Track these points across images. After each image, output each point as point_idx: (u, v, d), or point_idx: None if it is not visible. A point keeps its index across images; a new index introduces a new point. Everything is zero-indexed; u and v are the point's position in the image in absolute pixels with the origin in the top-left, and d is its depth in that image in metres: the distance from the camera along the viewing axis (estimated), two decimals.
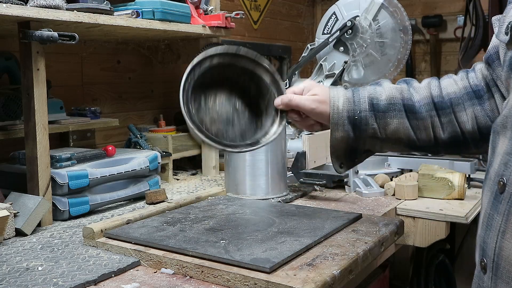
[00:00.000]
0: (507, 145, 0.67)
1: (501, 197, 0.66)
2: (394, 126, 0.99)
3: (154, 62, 2.07)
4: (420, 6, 2.95)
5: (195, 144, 1.94)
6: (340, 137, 1.02)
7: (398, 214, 1.44)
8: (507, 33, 0.73)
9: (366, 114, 1.00)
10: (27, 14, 1.16)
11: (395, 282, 1.82)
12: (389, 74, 1.93)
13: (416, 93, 1.00)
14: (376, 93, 1.01)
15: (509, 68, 0.72)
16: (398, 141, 1.01)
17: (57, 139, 1.65)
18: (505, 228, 0.64)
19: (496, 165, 0.69)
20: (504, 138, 0.69)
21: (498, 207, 0.66)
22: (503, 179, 0.66)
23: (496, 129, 0.72)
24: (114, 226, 1.14)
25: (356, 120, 1.00)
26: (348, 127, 1.01)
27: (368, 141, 1.02)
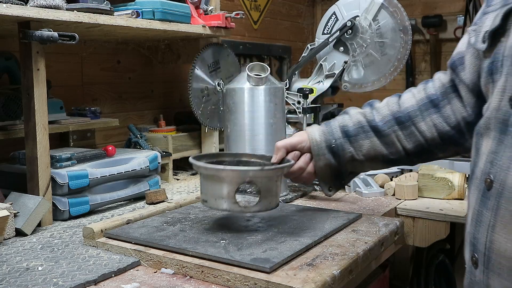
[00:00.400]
0: (491, 144, 0.71)
1: (489, 193, 0.70)
2: (367, 146, 1.12)
3: (154, 62, 2.07)
4: (420, 6, 2.95)
5: (195, 144, 1.94)
6: (324, 165, 1.15)
7: (398, 214, 1.44)
8: (484, 42, 0.77)
9: (341, 141, 1.14)
10: (27, 14, 1.16)
11: (395, 282, 1.82)
12: (389, 74, 1.93)
13: (378, 114, 1.13)
14: (345, 121, 1.15)
15: (488, 74, 0.76)
16: (374, 159, 1.13)
17: (57, 139, 1.65)
18: (495, 222, 0.68)
19: (482, 164, 0.73)
20: (488, 139, 0.73)
21: (486, 203, 0.70)
22: (490, 176, 0.70)
23: (479, 131, 0.76)
24: (114, 226, 1.14)
25: (333, 148, 1.14)
26: (329, 155, 1.14)
27: (349, 164, 1.15)
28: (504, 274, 0.67)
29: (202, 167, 1.09)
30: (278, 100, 1.48)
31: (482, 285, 0.72)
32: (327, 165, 1.15)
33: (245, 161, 1.25)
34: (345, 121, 1.16)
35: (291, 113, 1.97)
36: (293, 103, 1.97)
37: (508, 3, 0.73)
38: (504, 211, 0.67)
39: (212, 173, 1.07)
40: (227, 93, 1.48)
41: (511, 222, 0.66)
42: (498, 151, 0.69)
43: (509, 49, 0.70)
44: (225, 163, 1.21)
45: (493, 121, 0.72)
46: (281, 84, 1.53)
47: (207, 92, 1.81)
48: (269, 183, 1.09)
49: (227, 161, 1.23)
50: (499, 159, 0.69)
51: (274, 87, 1.46)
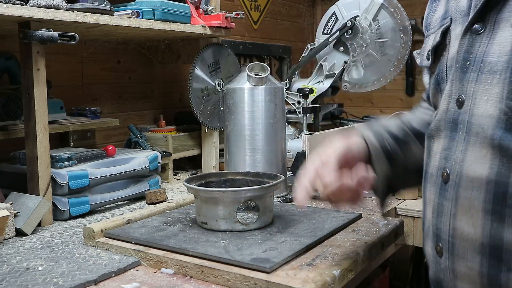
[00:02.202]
0: (443, 143, 0.78)
1: (446, 186, 0.76)
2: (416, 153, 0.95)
3: (154, 62, 2.07)
4: (420, 6, 2.95)
5: (195, 144, 1.94)
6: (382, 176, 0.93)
7: (398, 214, 1.44)
8: (428, 58, 0.87)
9: (394, 145, 0.94)
10: (27, 14, 1.16)
11: (395, 282, 1.82)
12: (389, 74, 1.93)
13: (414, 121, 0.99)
14: (387, 125, 0.98)
15: (435, 85, 0.84)
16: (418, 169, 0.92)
17: (57, 139, 1.65)
18: (456, 210, 0.74)
19: (436, 162, 0.80)
20: (439, 139, 0.80)
21: (445, 195, 0.77)
22: (446, 170, 0.77)
23: (431, 134, 0.83)
24: (114, 226, 1.14)
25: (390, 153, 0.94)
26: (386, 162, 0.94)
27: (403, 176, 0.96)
28: (468, 256, 0.73)
29: (202, 191, 1.11)
30: (278, 100, 1.48)
31: (447, 271, 0.78)
32: (385, 176, 0.94)
33: (231, 179, 1.28)
34: (387, 125, 0.98)
35: (291, 113, 1.98)
36: (293, 103, 1.97)
37: (444, 23, 0.84)
38: (463, 199, 0.73)
39: (214, 196, 1.10)
40: (227, 93, 1.48)
41: (470, 208, 0.72)
42: (451, 147, 0.76)
43: (451, 60, 0.79)
44: (213, 184, 1.26)
45: (443, 123, 0.79)
46: (281, 84, 1.53)
47: (207, 92, 1.82)
48: (266, 199, 1.14)
49: (214, 181, 1.27)
50: (453, 154, 0.76)
51: (274, 87, 1.46)
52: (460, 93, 0.75)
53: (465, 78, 0.75)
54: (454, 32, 0.80)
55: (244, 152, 1.45)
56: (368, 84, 1.97)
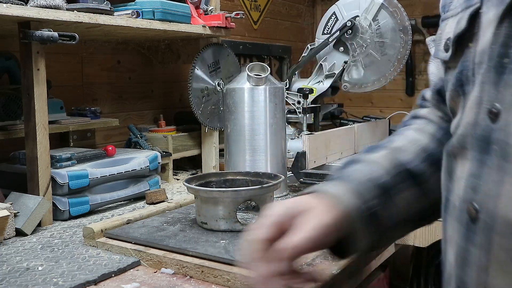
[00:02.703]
0: (470, 166, 0.58)
1: (475, 227, 0.56)
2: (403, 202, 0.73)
3: (154, 62, 2.07)
4: (420, 6, 2.95)
5: (195, 144, 1.94)
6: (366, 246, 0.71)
7: None
8: (446, 50, 0.65)
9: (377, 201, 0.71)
10: (27, 14, 1.16)
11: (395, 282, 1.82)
12: (389, 74, 1.93)
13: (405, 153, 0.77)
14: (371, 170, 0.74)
15: (456, 86, 0.63)
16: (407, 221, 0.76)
17: (57, 139, 1.65)
18: (488, 263, 0.55)
19: (460, 190, 0.59)
20: (464, 160, 0.60)
21: (473, 239, 0.56)
22: (474, 205, 0.56)
23: (452, 151, 0.63)
24: (114, 226, 1.14)
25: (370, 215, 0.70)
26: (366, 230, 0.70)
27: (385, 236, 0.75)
28: None
29: (202, 191, 1.11)
30: (278, 100, 1.48)
31: None
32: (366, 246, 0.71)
33: (231, 179, 1.29)
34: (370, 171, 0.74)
35: (291, 113, 1.98)
36: (293, 103, 1.97)
37: (471, 4, 0.61)
38: (498, 249, 0.54)
39: (214, 195, 1.11)
40: (227, 93, 1.48)
41: (508, 262, 0.53)
42: (481, 175, 0.56)
43: (480, 55, 0.58)
44: (213, 184, 1.26)
45: (469, 139, 0.59)
46: (281, 84, 1.53)
47: (207, 92, 1.82)
48: (266, 199, 1.14)
49: (214, 181, 1.27)
50: (484, 185, 0.56)
51: (274, 87, 1.46)
52: (493, 101, 0.55)
53: (501, 81, 0.55)
54: (486, 17, 0.59)
55: (244, 152, 1.45)
56: (368, 84, 1.97)
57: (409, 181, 0.74)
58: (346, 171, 0.75)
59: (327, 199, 0.69)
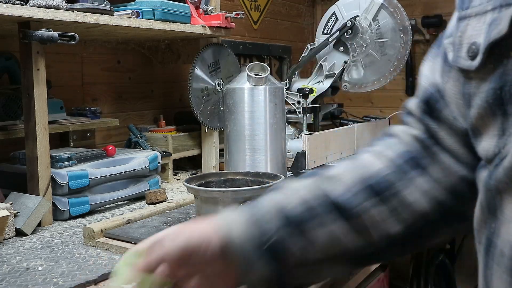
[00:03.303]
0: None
1: None
2: (323, 238, 0.64)
3: (154, 62, 2.07)
4: (420, 6, 2.95)
5: (195, 144, 1.94)
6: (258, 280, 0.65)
7: None
8: (473, 57, 0.53)
9: (282, 232, 0.64)
10: (27, 14, 1.16)
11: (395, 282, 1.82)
12: (389, 74, 1.93)
13: (338, 182, 0.67)
14: (282, 199, 0.67)
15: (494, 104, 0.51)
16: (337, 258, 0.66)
17: (57, 139, 1.65)
18: None
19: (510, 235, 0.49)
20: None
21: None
22: None
23: (497, 186, 0.51)
24: (114, 226, 1.14)
25: (271, 247, 0.63)
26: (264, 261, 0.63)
27: (300, 272, 0.66)
28: None
29: (202, 191, 1.11)
30: (278, 100, 1.48)
31: None
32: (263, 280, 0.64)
33: (231, 179, 1.28)
34: (282, 199, 0.67)
35: (291, 113, 1.98)
36: (293, 103, 1.97)
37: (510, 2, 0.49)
38: None
39: (214, 195, 1.11)
40: (227, 93, 1.48)
41: None
42: None
43: None
44: (213, 184, 1.26)
45: None
46: (281, 84, 1.53)
47: (207, 92, 1.82)
48: None
49: (214, 181, 1.27)
50: None
51: (274, 87, 1.46)
52: None
53: None
54: None
55: (244, 152, 1.46)
56: (368, 84, 1.97)
57: (332, 215, 0.65)
58: (260, 199, 0.68)
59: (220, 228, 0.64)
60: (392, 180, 0.66)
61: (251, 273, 0.64)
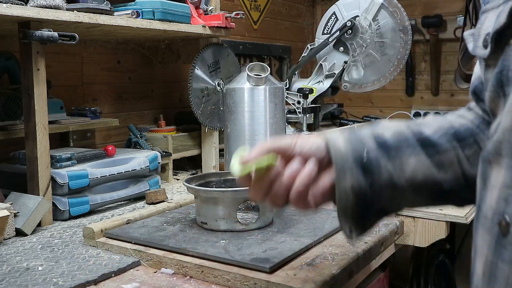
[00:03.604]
0: (505, 176, 0.56)
1: (505, 240, 0.54)
2: (412, 165, 0.74)
3: (154, 62, 2.07)
4: (420, 6, 2.95)
5: (195, 144, 1.94)
6: (350, 187, 0.72)
7: (398, 214, 1.44)
8: (485, 46, 0.61)
9: (376, 154, 0.73)
10: (27, 14, 1.16)
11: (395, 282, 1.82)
12: (389, 74, 1.93)
13: (426, 127, 0.78)
14: (379, 129, 0.78)
15: (496, 87, 0.59)
16: (420, 186, 0.75)
17: (57, 139, 1.65)
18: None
19: (493, 201, 0.57)
20: (498, 168, 0.58)
21: (502, 253, 0.55)
22: (505, 218, 0.54)
23: (488, 157, 0.60)
24: (114, 226, 1.14)
25: (365, 162, 0.73)
26: (358, 172, 0.72)
27: (384, 192, 0.74)
28: None
29: (202, 191, 1.11)
30: (278, 100, 1.48)
31: None
32: (355, 188, 0.72)
33: (231, 179, 1.28)
34: (379, 129, 0.78)
35: (291, 113, 1.98)
36: (293, 103, 1.97)
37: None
38: None
39: (214, 195, 1.10)
40: (227, 93, 1.48)
41: None
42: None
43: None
44: (213, 184, 1.26)
45: (506, 145, 0.56)
46: (281, 84, 1.53)
47: (207, 92, 1.82)
48: None
49: (214, 181, 1.27)
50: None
51: (274, 87, 1.46)
52: None
53: None
54: None
55: None
56: (368, 84, 1.97)
57: (421, 149, 0.74)
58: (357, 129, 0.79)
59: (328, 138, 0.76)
60: (472, 132, 0.77)
61: (346, 179, 0.72)
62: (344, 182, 0.72)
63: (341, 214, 0.75)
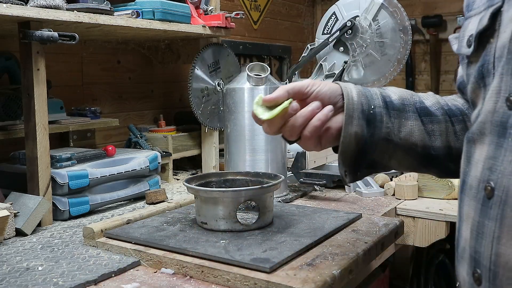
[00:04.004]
0: (488, 150, 0.66)
1: (490, 202, 0.64)
2: (409, 128, 0.88)
3: (154, 62, 2.07)
4: (420, 6, 2.95)
5: (195, 144, 1.94)
6: (354, 133, 0.85)
7: (398, 214, 1.44)
8: (469, 45, 0.72)
9: (381, 110, 0.87)
10: (27, 14, 1.16)
11: (395, 282, 1.82)
12: (389, 74, 1.93)
13: (426, 99, 0.92)
14: (387, 92, 0.92)
15: (477, 79, 0.70)
16: (411, 148, 0.89)
17: (57, 139, 1.65)
18: (500, 233, 0.62)
19: (477, 172, 0.67)
20: (482, 145, 0.68)
21: (488, 213, 0.64)
22: (490, 183, 0.64)
23: (472, 137, 0.70)
24: (114, 226, 1.14)
25: (371, 115, 0.86)
26: (362, 122, 0.85)
27: (380, 145, 0.87)
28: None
29: (202, 191, 1.11)
30: None
31: None
32: (358, 135, 0.85)
33: (231, 179, 1.28)
34: (387, 92, 0.91)
35: None
36: None
37: (494, 3, 0.68)
38: (510, 220, 0.61)
39: (214, 195, 1.10)
40: (227, 93, 1.48)
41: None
42: (497, 156, 0.64)
43: (500, 49, 0.65)
44: (213, 184, 1.26)
45: (488, 125, 0.66)
46: (281, 84, 1.53)
47: (207, 92, 1.82)
48: (266, 199, 1.13)
49: (214, 181, 1.27)
50: (500, 164, 0.63)
51: (274, 87, 1.46)
52: (511, 90, 0.63)
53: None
54: (507, 15, 0.66)
55: (244, 152, 1.45)
56: (368, 84, 1.96)
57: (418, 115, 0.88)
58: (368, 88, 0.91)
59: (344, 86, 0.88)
60: (462, 112, 0.91)
61: (352, 125, 0.85)
62: (351, 127, 0.85)
63: (341, 157, 0.87)
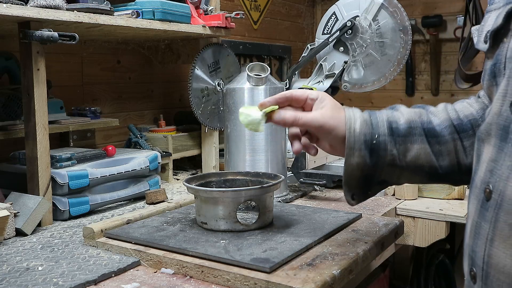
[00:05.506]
0: (492, 152, 0.67)
1: (487, 204, 0.66)
2: (414, 152, 0.88)
3: (154, 62, 2.07)
4: (420, 6, 2.95)
5: (195, 144, 1.94)
6: (356, 164, 0.87)
7: (398, 214, 1.44)
8: (486, 42, 0.72)
9: (385, 138, 0.88)
10: (27, 14, 1.16)
11: (395, 282, 1.82)
12: (389, 74, 1.93)
13: (435, 117, 0.91)
14: (394, 116, 0.91)
15: (491, 76, 0.71)
16: (418, 169, 0.89)
17: (57, 139, 1.65)
18: (493, 235, 0.64)
19: (482, 172, 0.69)
20: (488, 146, 0.68)
21: (485, 214, 0.66)
22: (489, 186, 0.66)
23: (481, 136, 0.71)
24: (114, 226, 1.14)
25: (374, 145, 0.87)
26: (365, 153, 0.87)
27: (386, 170, 0.89)
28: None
29: (202, 191, 1.11)
30: None
31: None
32: (360, 165, 0.87)
33: (231, 179, 1.28)
34: (395, 116, 0.91)
35: None
36: None
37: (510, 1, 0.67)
38: (503, 224, 0.62)
39: (214, 196, 1.10)
40: (227, 93, 1.48)
41: (510, 236, 0.62)
42: (498, 160, 0.65)
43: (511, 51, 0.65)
44: (213, 184, 1.26)
45: (494, 127, 0.67)
46: (281, 84, 1.53)
47: (207, 92, 1.82)
48: (266, 199, 1.13)
49: (214, 181, 1.27)
50: (499, 168, 0.65)
51: (274, 87, 1.46)
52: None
53: None
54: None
55: (244, 152, 1.46)
56: (368, 84, 1.97)
57: (425, 137, 0.88)
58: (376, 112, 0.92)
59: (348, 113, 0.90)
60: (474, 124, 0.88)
61: (354, 157, 0.87)
62: (352, 159, 0.87)
63: (346, 184, 0.90)
